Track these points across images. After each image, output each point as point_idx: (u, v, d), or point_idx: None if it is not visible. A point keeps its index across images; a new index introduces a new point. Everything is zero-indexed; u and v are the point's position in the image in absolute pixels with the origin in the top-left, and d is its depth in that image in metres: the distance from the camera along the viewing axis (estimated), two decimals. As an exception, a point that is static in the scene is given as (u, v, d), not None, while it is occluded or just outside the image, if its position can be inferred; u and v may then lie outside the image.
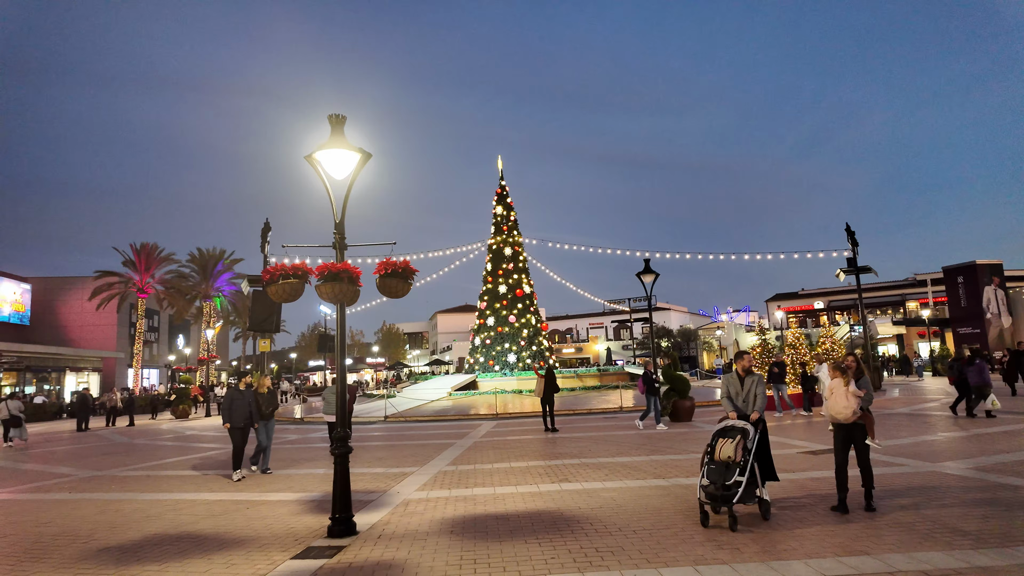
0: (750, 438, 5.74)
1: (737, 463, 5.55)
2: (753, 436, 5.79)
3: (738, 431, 5.81)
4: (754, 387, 6.30)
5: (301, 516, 6.88)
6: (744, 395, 6.32)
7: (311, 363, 72.82)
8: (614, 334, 66.92)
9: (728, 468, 5.56)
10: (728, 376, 6.52)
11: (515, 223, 34.73)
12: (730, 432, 5.84)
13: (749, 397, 6.29)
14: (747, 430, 5.79)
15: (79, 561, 5.47)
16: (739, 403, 6.32)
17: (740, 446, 5.64)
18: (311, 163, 6.42)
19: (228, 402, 9.94)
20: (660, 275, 16.64)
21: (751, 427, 5.84)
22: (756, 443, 5.81)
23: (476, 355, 32.96)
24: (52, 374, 39.33)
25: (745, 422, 5.92)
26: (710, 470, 5.66)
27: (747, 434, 5.76)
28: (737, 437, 5.73)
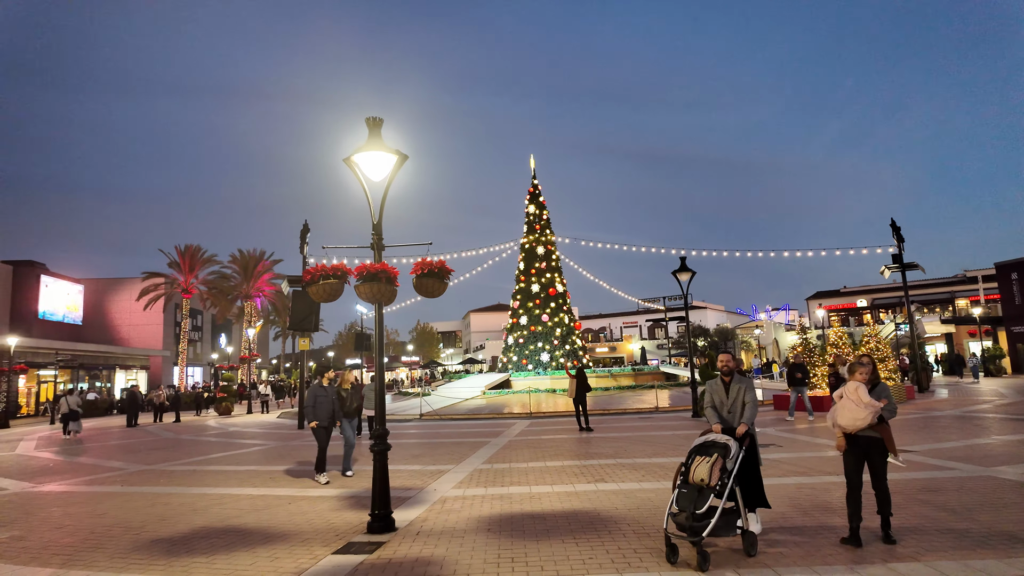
0: (731, 456, 4.83)
1: (712, 487, 4.64)
2: (736, 454, 4.87)
3: (718, 448, 4.93)
4: (742, 394, 5.42)
5: (341, 512, 7.01)
6: (730, 404, 5.47)
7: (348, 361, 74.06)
8: (648, 333, 66.19)
9: (701, 493, 4.64)
10: (711, 382, 5.71)
11: (548, 222, 34.66)
12: (708, 449, 4.96)
13: (736, 406, 5.43)
14: (728, 447, 4.89)
15: (132, 552, 5.69)
16: (724, 413, 5.50)
17: (717, 466, 4.73)
18: (349, 166, 6.54)
19: (311, 399, 9.31)
20: (696, 273, 16.38)
21: (734, 443, 4.93)
22: (740, 462, 4.92)
23: (509, 354, 33.02)
24: (103, 371, 40.96)
25: (729, 437, 5.02)
26: (681, 495, 4.75)
27: (727, 452, 4.86)
28: (714, 456, 4.83)
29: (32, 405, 33.98)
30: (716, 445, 4.96)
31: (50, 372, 34.79)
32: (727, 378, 5.55)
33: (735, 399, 5.45)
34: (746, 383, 5.46)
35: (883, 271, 23.49)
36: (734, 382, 5.50)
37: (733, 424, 5.36)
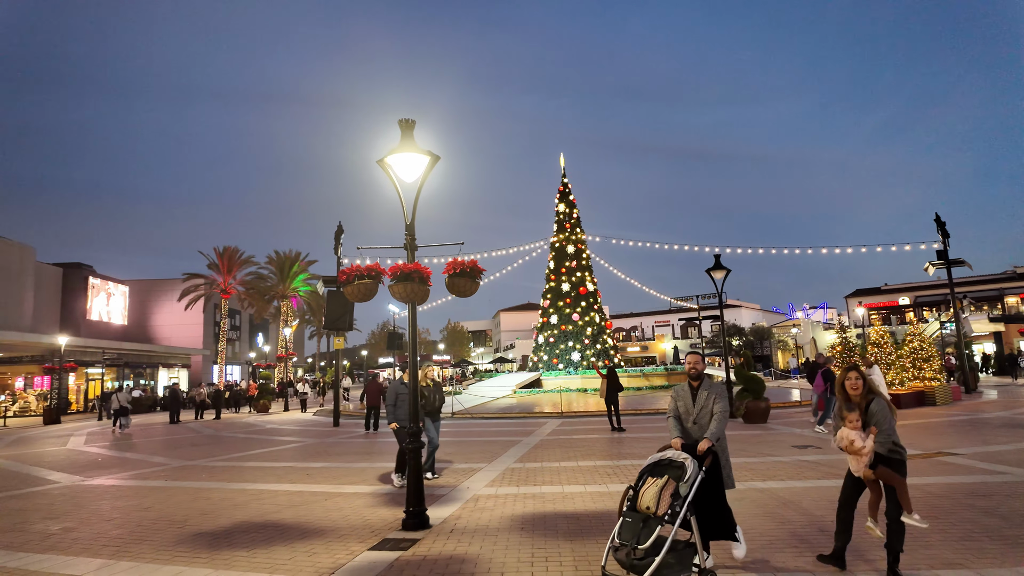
0: (686, 479, 4.01)
1: (659, 517, 3.84)
2: (692, 476, 4.05)
3: (672, 468, 4.13)
4: (711, 403, 4.60)
5: (376, 508, 7.11)
6: (696, 414, 4.63)
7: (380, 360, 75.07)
8: (681, 332, 65.31)
9: (647, 523, 3.84)
10: (678, 387, 4.91)
11: (578, 220, 34.52)
12: (661, 469, 4.17)
13: (703, 417, 4.59)
14: (684, 467, 4.08)
15: (176, 545, 5.88)
16: (689, 425, 4.67)
17: (668, 491, 3.94)
18: (383, 167, 6.62)
19: (392, 397, 8.76)
20: (731, 271, 16.10)
21: (692, 463, 4.10)
22: (698, 485, 4.08)
23: (540, 353, 32.99)
24: (146, 370, 42.34)
25: (688, 455, 4.21)
26: (624, 524, 3.92)
27: (682, 473, 4.05)
28: (665, 478, 4.03)
29: (81, 402, 35.35)
30: (671, 465, 4.18)
31: (97, 370, 36.12)
32: (695, 383, 4.73)
33: (703, 408, 4.63)
34: (717, 390, 4.68)
35: (927, 268, 22.71)
36: (703, 388, 4.69)
37: (699, 437, 4.55)
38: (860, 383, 4.42)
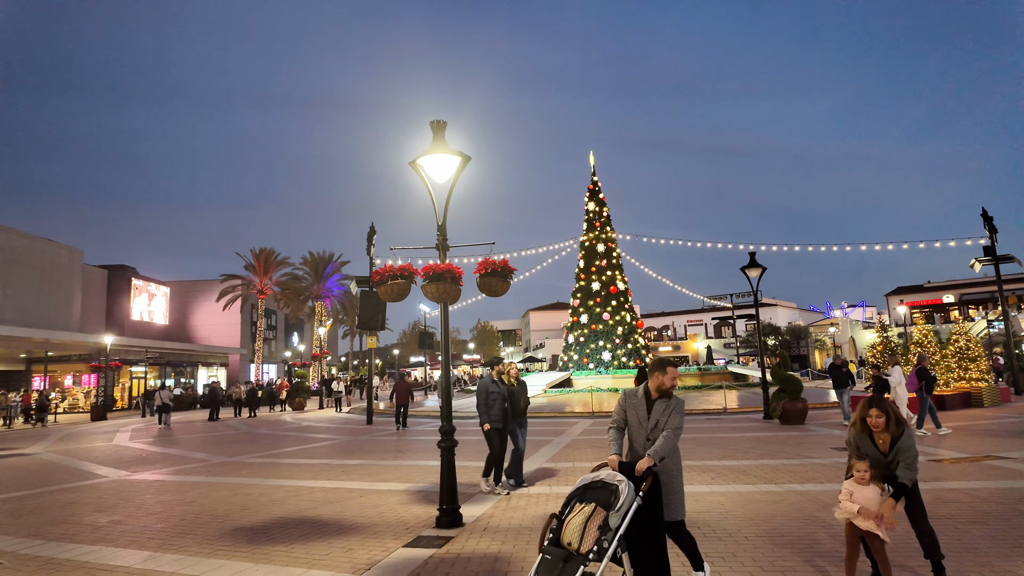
0: (617, 507, 3.41)
1: (583, 555, 3.27)
2: (627, 502, 3.45)
3: (601, 493, 3.52)
4: (668, 416, 3.97)
5: (410, 506, 7.19)
6: (650, 428, 4.00)
7: (412, 359, 75.83)
8: (714, 332, 64.31)
9: (568, 563, 3.25)
10: (629, 392, 4.22)
11: (608, 219, 34.27)
12: (591, 493, 3.55)
13: (655, 433, 3.98)
14: (617, 491, 3.48)
15: (218, 539, 6.04)
16: (637, 440, 4.04)
17: (595, 522, 3.35)
18: (415, 169, 6.69)
19: (483, 396, 7.96)
20: (767, 269, 15.78)
21: (627, 486, 3.52)
22: (631, 513, 3.46)
23: (570, 352, 32.87)
24: (187, 368, 43.62)
25: (623, 477, 3.62)
26: (543, 562, 3.34)
27: (614, 498, 3.46)
28: (592, 505, 3.44)
29: (125, 399, 36.61)
30: (603, 488, 3.54)
31: (140, 369, 37.37)
32: (656, 394, 4.07)
33: (658, 422, 3.98)
34: (676, 403, 4.03)
35: (974, 264, 21.90)
36: (661, 400, 4.05)
37: (642, 457, 3.88)
38: (883, 420, 3.92)
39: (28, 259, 34.82)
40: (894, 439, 3.93)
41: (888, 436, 3.96)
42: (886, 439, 3.96)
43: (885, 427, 3.94)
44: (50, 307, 35.84)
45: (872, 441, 4.01)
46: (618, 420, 4.20)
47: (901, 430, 3.93)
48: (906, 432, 3.93)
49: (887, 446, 3.95)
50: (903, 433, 3.93)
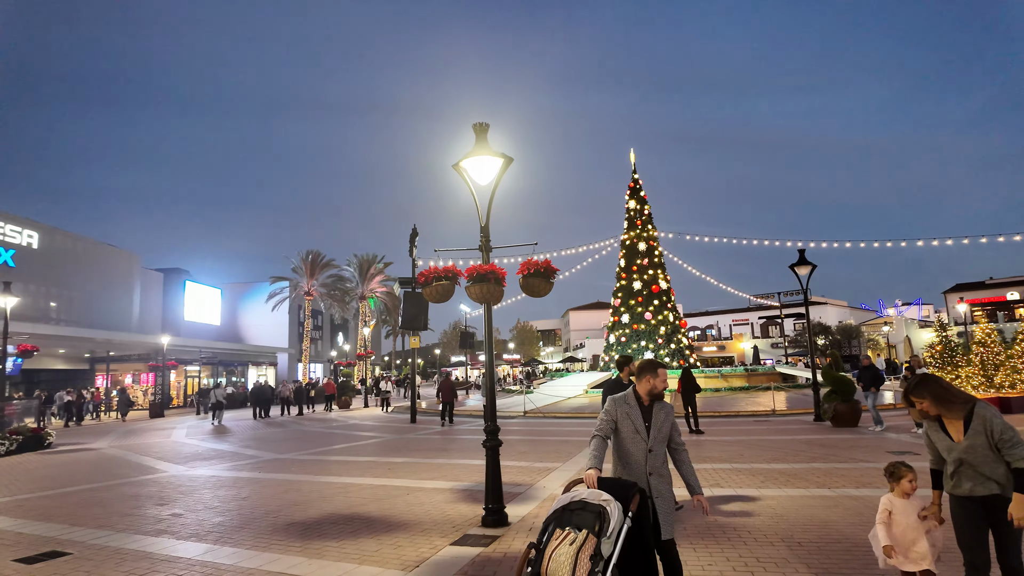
0: (609, 532, 2.93)
1: None
2: (617, 526, 2.98)
3: (586, 516, 3.00)
4: (667, 428, 3.67)
5: (455, 504, 7.26)
6: (652, 440, 3.60)
7: (453, 359, 76.53)
8: (761, 331, 62.68)
9: None
10: (619, 399, 3.76)
11: (649, 217, 33.84)
12: (572, 517, 3.04)
13: (658, 445, 3.61)
14: (604, 513, 2.98)
15: (272, 533, 6.24)
16: (635, 453, 3.63)
17: (586, 552, 2.85)
18: (458, 171, 6.76)
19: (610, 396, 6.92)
20: (816, 266, 15.30)
21: (615, 507, 3.02)
22: (623, 538, 2.99)
23: (611, 352, 32.60)
24: (238, 368, 45.09)
25: (608, 495, 3.09)
26: None
27: (600, 521, 2.96)
28: (583, 534, 2.92)
29: (181, 397, 38.11)
30: (585, 510, 3.03)
31: (194, 368, 38.85)
32: (648, 399, 3.68)
33: (660, 432, 3.63)
34: (669, 409, 3.73)
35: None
36: (658, 408, 3.68)
37: (639, 471, 3.58)
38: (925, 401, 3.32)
39: (90, 263, 36.68)
40: (966, 419, 3.23)
41: (958, 419, 3.26)
42: (958, 425, 3.27)
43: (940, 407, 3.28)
44: (110, 309, 37.65)
45: (944, 430, 3.33)
46: (605, 429, 3.70)
47: (970, 406, 3.23)
48: (977, 405, 3.24)
49: (961, 431, 3.25)
50: (975, 405, 3.22)
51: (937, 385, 3.33)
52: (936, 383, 3.34)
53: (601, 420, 3.77)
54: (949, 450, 3.30)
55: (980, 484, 3.20)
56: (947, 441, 3.31)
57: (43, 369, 33.05)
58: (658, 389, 3.66)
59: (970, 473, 3.23)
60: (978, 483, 3.21)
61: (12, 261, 30.84)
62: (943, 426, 3.33)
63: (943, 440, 3.34)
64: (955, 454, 3.27)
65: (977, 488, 3.21)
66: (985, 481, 3.19)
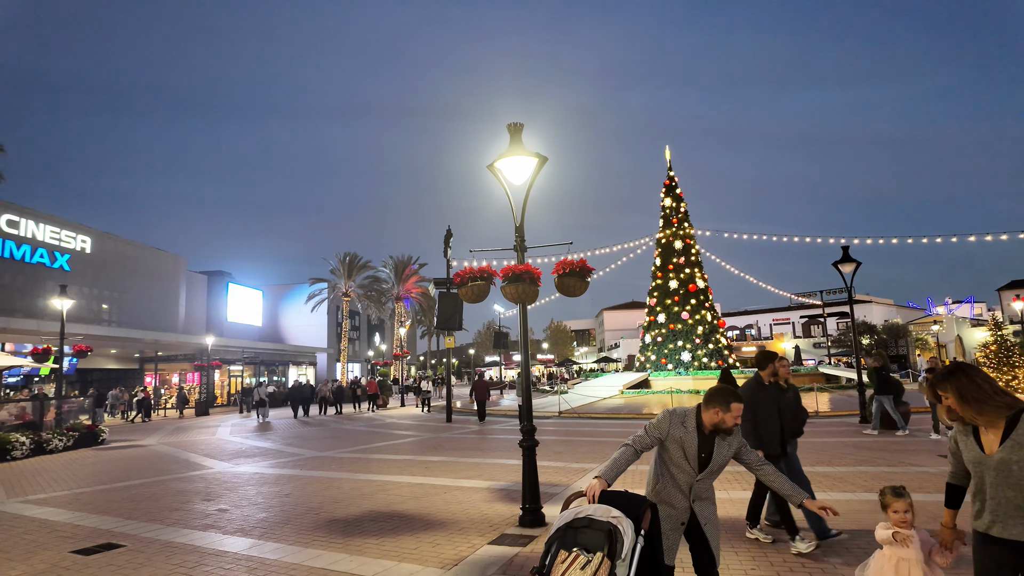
0: (623, 554, 2.56)
1: None
2: (630, 546, 2.59)
3: (597, 533, 2.61)
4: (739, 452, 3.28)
5: (492, 504, 7.29)
6: (702, 472, 3.20)
7: (487, 359, 76.86)
8: (803, 331, 61.07)
9: None
10: (674, 417, 3.27)
11: (686, 214, 33.33)
12: (580, 536, 2.63)
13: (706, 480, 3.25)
14: (615, 531, 2.59)
15: (314, 529, 6.37)
16: (681, 479, 3.23)
17: (603, 574, 2.49)
18: (493, 172, 6.78)
19: (751, 404, 5.30)
20: (861, 264, 14.82)
21: (627, 525, 2.63)
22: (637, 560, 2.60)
23: (647, 353, 32.22)
24: (279, 367, 46.23)
25: (617, 512, 2.68)
26: None
27: (614, 542, 2.57)
28: (597, 557, 2.53)
29: (224, 396, 39.26)
30: (591, 527, 2.65)
31: (237, 367, 39.97)
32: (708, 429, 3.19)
33: (715, 466, 3.22)
34: (736, 442, 3.26)
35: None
36: (722, 440, 3.21)
37: (679, 499, 3.23)
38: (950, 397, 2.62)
39: (140, 267, 38.14)
40: (1008, 426, 2.46)
41: (996, 425, 2.50)
42: (995, 432, 2.50)
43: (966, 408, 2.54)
44: (158, 310, 39.09)
45: (975, 436, 2.58)
46: (642, 444, 3.27)
47: (1017, 411, 2.47)
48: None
49: (996, 440, 2.48)
50: (1021, 415, 2.46)
51: (968, 379, 2.54)
52: (967, 376, 2.56)
53: (643, 434, 3.31)
54: (976, 463, 2.54)
55: (1013, 520, 2.42)
56: (976, 451, 2.54)
57: (96, 368, 34.48)
58: (726, 425, 3.13)
59: (1000, 500, 2.44)
60: (1011, 518, 2.42)
61: (68, 265, 32.29)
62: (976, 431, 2.60)
63: (971, 449, 2.57)
64: (982, 470, 2.51)
65: (1010, 526, 2.41)
66: (1019, 517, 2.40)
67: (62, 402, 17.77)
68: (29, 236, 30.36)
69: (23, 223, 30.11)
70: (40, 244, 30.92)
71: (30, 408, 16.92)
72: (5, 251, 29.02)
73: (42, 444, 14.68)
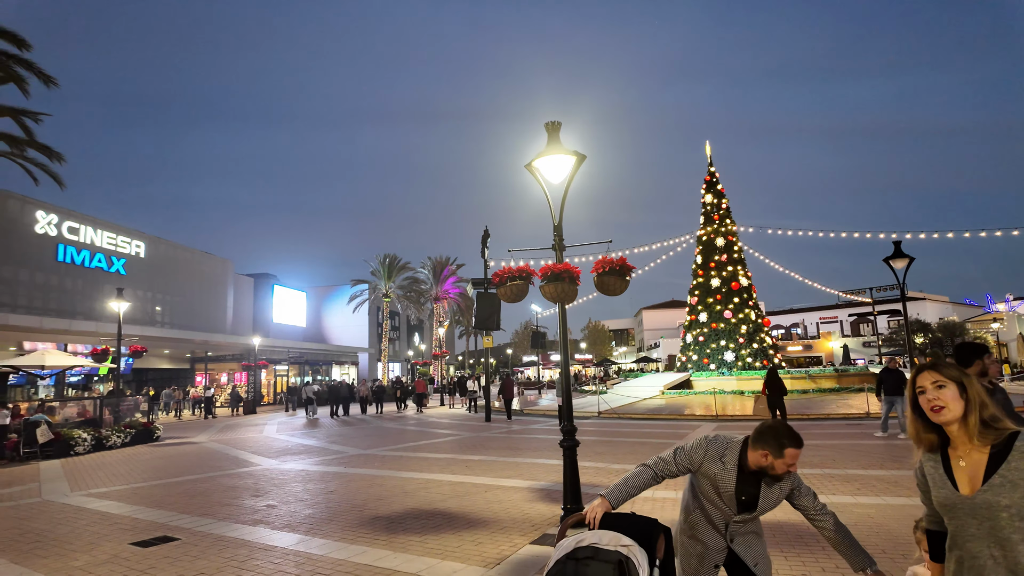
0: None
1: None
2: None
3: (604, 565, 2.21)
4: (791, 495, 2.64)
5: (533, 503, 7.28)
6: (741, 513, 2.65)
7: (524, 358, 76.88)
8: (851, 329, 59.06)
9: None
10: (711, 447, 2.68)
11: (727, 211, 32.61)
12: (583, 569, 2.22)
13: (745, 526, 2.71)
14: (629, 565, 2.21)
15: (359, 526, 6.48)
16: (707, 512, 2.72)
17: None
18: (531, 171, 6.76)
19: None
20: (915, 259, 14.23)
21: (640, 554, 2.27)
22: None
23: (688, 353, 31.66)
24: (322, 367, 47.30)
25: (628, 538, 2.31)
26: None
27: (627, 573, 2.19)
28: None
29: (271, 395, 40.40)
30: (596, 558, 2.24)
31: (283, 367, 41.07)
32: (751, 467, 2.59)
33: (759, 510, 2.62)
34: (789, 485, 2.63)
35: None
36: (770, 483, 2.60)
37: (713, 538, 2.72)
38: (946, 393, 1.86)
39: (190, 270, 39.60)
40: (995, 454, 1.78)
41: (979, 451, 1.82)
42: (974, 461, 1.82)
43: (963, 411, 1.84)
44: (208, 312, 40.50)
45: (947, 469, 1.88)
46: (666, 469, 2.75)
47: (1007, 434, 1.79)
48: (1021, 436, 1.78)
49: (978, 474, 1.80)
50: (1015, 441, 1.77)
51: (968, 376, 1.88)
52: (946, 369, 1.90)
53: (670, 457, 2.76)
54: (947, 506, 1.86)
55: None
56: (948, 489, 1.86)
57: (150, 368, 35.95)
58: (775, 472, 2.53)
59: (985, 561, 1.77)
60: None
61: (123, 269, 33.77)
62: (946, 458, 1.90)
63: (941, 486, 1.88)
64: (959, 516, 1.83)
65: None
66: None
67: (120, 400, 18.59)
68: (88, 242, 31.86)
69: (83, 230, 31.63)
70: (98, 249, 32.42)
71: (91, 406, 17.77)
72: (66, 256, 30.54)
73: (102, 440, 15.38)
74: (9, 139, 19.04)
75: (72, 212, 31.31)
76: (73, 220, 31.19)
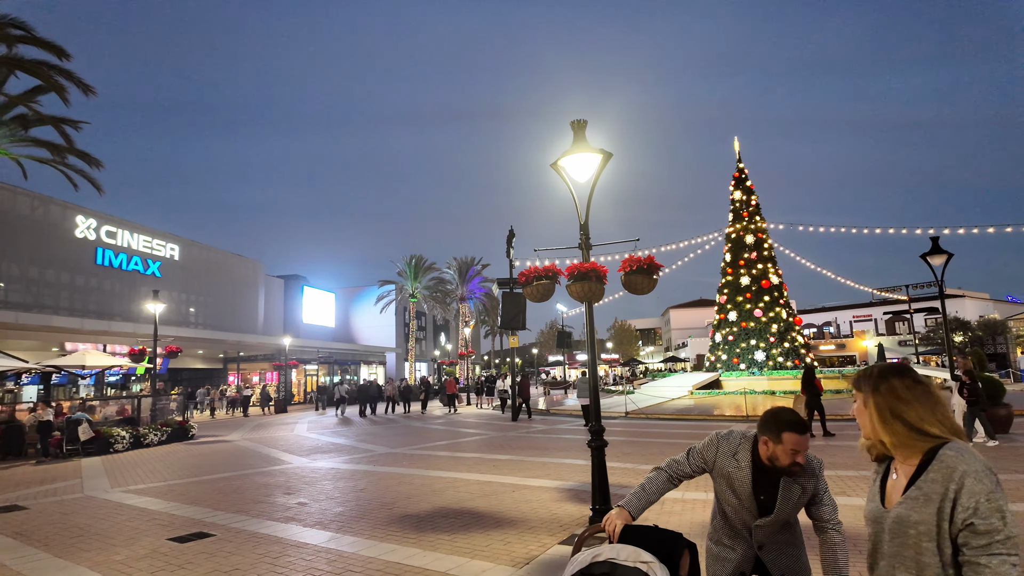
0: None
1: None
2: None
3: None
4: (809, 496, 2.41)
5: (561, 503, 7.25)
6: (762, 518, 2.43)
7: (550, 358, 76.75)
8: (886, 328, 57.52)
9: None
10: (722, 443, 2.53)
11: (757, 208, 32.05)
12: None
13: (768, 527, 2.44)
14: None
15: (388, 524, 6.54)
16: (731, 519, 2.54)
17: None
18: (556, 170, 6.74)
19: None
20: (953, 255, 13.80)
21: (661, 569, 2.11)
22: None
23: (717, 352, 31.22)
24: (351, 366, 47.90)
25: (648, 555, 2.15)
26: None
27: None
28: None
29: (301, 394, 41.05)
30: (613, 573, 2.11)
31: (313, 367, 41.70)
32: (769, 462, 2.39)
33: (781, 511, 2.39)
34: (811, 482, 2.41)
35: None
36: (789, 482, 2.38)
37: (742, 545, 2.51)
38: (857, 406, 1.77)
39: (222, 272, 40.46)
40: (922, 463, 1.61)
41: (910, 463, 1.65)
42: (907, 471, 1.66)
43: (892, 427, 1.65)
44: (240, 313, 41.33)
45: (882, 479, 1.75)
46: (684, 470, 2.60)
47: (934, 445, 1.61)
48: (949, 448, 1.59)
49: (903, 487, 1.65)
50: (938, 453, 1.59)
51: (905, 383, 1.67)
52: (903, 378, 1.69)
53: (683, 458, 2.63)
54: (870, 520, 1.73)
55: None
56: (876, 503, 1.73)
57: (184, 368, 36.85)
58: (780, 463, 2.34)
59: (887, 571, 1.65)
60: None
61: (159, 272, 34.68)
62: (885, 473, 1.75)
63: (871, 496, 1.76)
64: (878, 530, 1.69)
65: None
66: None
67: (156, 399, 19.10)
68: (125, 245, 32.80)
69: (120, 233, 32.58)
70: (135, 252, 33.35)
71: (129, 405, 18.29)
72: (105, 260, 31.48)
73: (139, 438, 15.82)
74: (50, 147, 19.70)
75: (110, 216, 32.27)
76: (111, 224, 32.14)
